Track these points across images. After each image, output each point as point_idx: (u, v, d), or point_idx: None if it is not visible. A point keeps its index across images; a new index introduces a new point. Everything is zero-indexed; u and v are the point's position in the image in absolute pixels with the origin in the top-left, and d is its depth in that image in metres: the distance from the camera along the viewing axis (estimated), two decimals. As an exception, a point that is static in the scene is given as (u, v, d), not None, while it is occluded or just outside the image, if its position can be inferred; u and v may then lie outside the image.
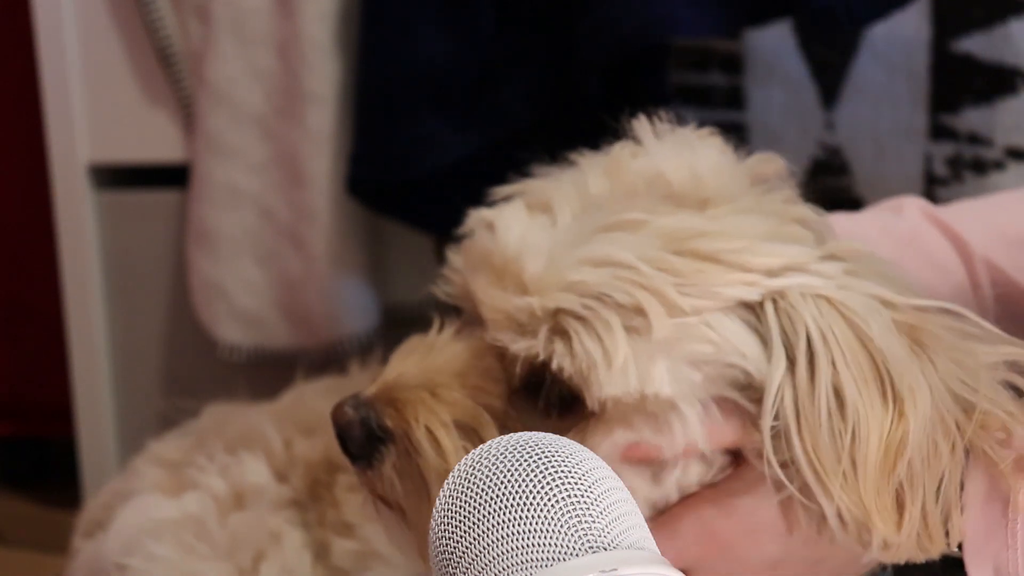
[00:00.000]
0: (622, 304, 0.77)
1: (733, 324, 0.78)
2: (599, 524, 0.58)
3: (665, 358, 0.77)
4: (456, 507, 0.59)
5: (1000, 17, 1.15)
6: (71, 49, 1.48)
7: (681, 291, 0.77)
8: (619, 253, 0.78)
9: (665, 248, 0.78)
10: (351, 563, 1.03)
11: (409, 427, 0.81)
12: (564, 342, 0.78)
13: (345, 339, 1.45)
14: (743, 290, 0.77)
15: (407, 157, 1.33)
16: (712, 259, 0.78)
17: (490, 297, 0.81)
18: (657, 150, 0.86)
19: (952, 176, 1.20)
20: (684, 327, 0.77)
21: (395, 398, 0.82)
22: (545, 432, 0.74)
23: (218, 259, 1.45)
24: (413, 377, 0.83)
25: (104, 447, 1.57)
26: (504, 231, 0.83)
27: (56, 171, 1.51)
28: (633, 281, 0.77)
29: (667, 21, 1.17)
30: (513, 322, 0.80)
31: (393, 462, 0.81)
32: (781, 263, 0.78)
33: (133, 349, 1.56)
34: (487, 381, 0.82)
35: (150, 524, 1.07)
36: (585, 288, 0.78)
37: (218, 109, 1.42)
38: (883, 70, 1.20)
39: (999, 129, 1.17)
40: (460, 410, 0.81)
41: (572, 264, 0.79)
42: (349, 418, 0.82)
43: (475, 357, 0.83)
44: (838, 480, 0.75)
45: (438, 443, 0.80)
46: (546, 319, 0.78)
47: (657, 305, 0.76)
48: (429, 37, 1.31)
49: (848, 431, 0.75)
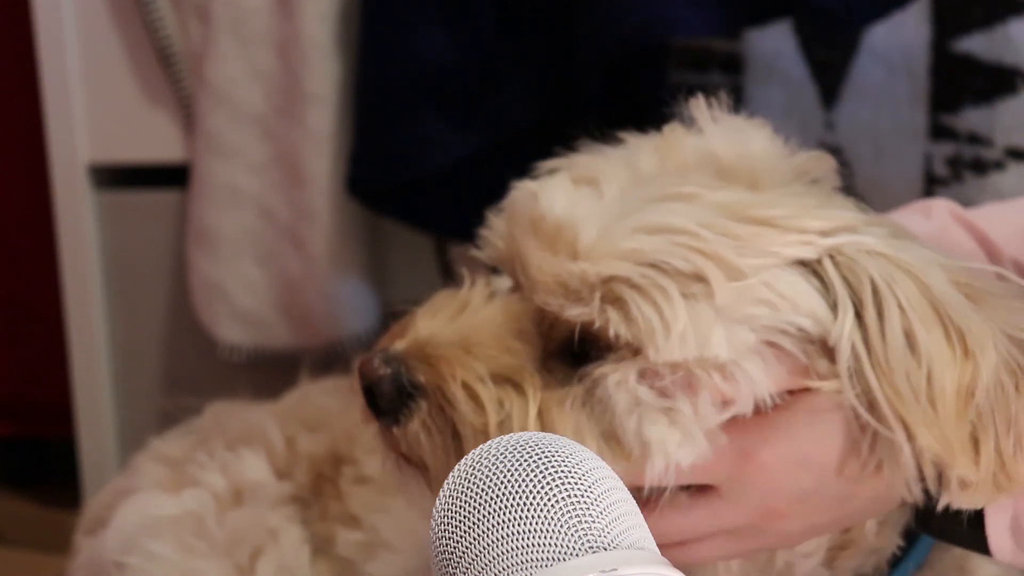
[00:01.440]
0: (680, 271, 0.78)
1: (792, 278, 0.79)
2: (599, 524, 0.58)
3: (724, 322, 0.78)
4: (456, 507, 0.59)
5: (1000, 17, 1.15)
6: (71, 49, 1.48)
7: (739, 253, 0.78)
8: (676, 220, 0.79)
9: (722, 215, 0.79)
10: (357, 553, 1.04)
11: (444, 381, 0.81)
12: (619, 309, 0.78)
13: (345, 339, 1.45)
14: (800, 249, 0.79)
15: (407, 157, 1.33)
16: (768, 223, 0.80)
17: (541, 261, 0.82)
18: (710, 130, 0.87)
19: (952, 176, 1.20)
20: (744, 289, 0.78)
21: (428, 354, 0.82)
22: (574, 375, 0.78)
23: (218, 259, 1.45)
24: (447, 336, 0.83)
25: (104, 447, 1.57)
26: (550, 200, 0.83)
27: (56, 171, 1.51)
28: (691, 247, 0.78)
29: (667, 21, 1.17)
30: (564, 288, 0.80)
31: (423, 418, 0.81)
32: (834, 224, 0.81)
33: (133, 349, 1.56)
34: (522, 343, 0.83)
35: (149, 522, 1.07)
36: (641, 256, 0.79)
37: (218, 109, 1.42)
38: (883, 70, 1.20)
39: (999, 129, 1.17)
40: (495, 363, 0.81)
41: (626, 232, 0.80)
42: (380, 373, 0.82)
43: (511, 319, 0.83)
44: (919, 418, 0.77)
45: (475, 398, 0.80)
46: (599, 286, 0.79)
47: (717, 270, 0.78)
48: (429, 37, 1.31)
49: (923, 372, 0.77)
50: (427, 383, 0.81)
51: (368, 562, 1.03)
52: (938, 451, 0.77)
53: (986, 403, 0.78)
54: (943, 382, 0.77)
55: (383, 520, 1.03)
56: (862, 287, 0.79)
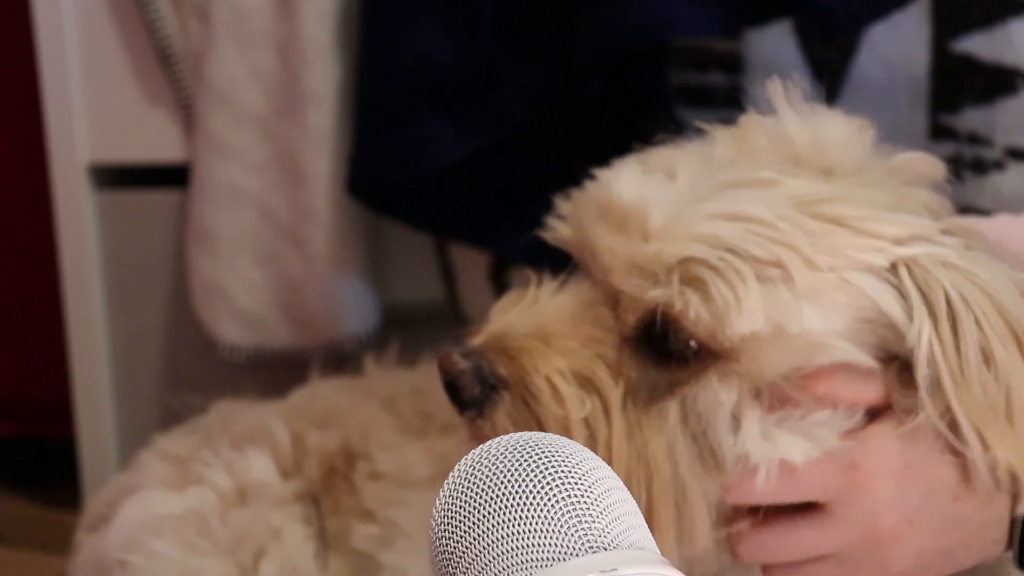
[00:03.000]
0: (757, 257, 0.78)
1: (870, 281, 0.79)
2: (599, 524, 0.58)
3: (812, 302, 0.78)
4: (456, 507, 0.59)
5: (1000, 17, 1.15)
6: (71, 49, 1.48)
7: (815, 250, 0.78)
8: (753, 209, 0.79)
9: (796, 208, 0.80)
10: (373, 546, 1.04)
11: (526, 374, 0.81)
12: (698, 290, 0.79)
13: (345, 339, 1.45)
14: (873, 255, 0.79)
15: (407, 157, 1.33)
16: (840, 223, 0.80)
17: (612, 243, 0.82)
18: (786, 115, 0.87)
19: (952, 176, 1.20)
20: (824, 279, 0.78)
21: (507, 346, 0.82)
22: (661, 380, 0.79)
23: (218, 259, 1.45)
24: (522, 326, 0.83)
25: (104, 447, 1.57)
26: (619, 185, 0.83)
27: (56, 171, 1.51)
28: (769, 237, 0.78)
29: (667, 21, 1.17)
30: (638, 270, 0.81)
31: (507, 409, 0.82)
32: (907, 232, 0.80)
33: (133, 349, 1.56)
34: (598, 330, 0.83)
35: (151, 520, 1.07)
36: (717, 240, 0.79)
37: (218, 109, 1.42)
38: (883, 70, 1.20)
39: (999, 129, 1.17)
40: (575, 359, 0.81)
41: (702, 217, 0.80)
42: (461, 367, 0.82)
43: (584, 306, 0.83)
44: (995, 431, 0.77)
45: (556, 391, 0.80)
46: (675, 268, 0.79)
47: (796, 259, 0.78)
48: (429, 37, 1.31)
49: (1001, 387, 0.77)
50: (509, 375, 0.82)
51: (385, 552, 1.02)
52: (1014, 464, 0.78)
53: None
54: (1021, 399, 0.77)
55: (400, 513, 1.03)
56: (937, 299, 0.79)
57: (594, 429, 0.81)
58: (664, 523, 0.80)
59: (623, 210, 0.82)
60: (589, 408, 0.81)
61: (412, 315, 1.52)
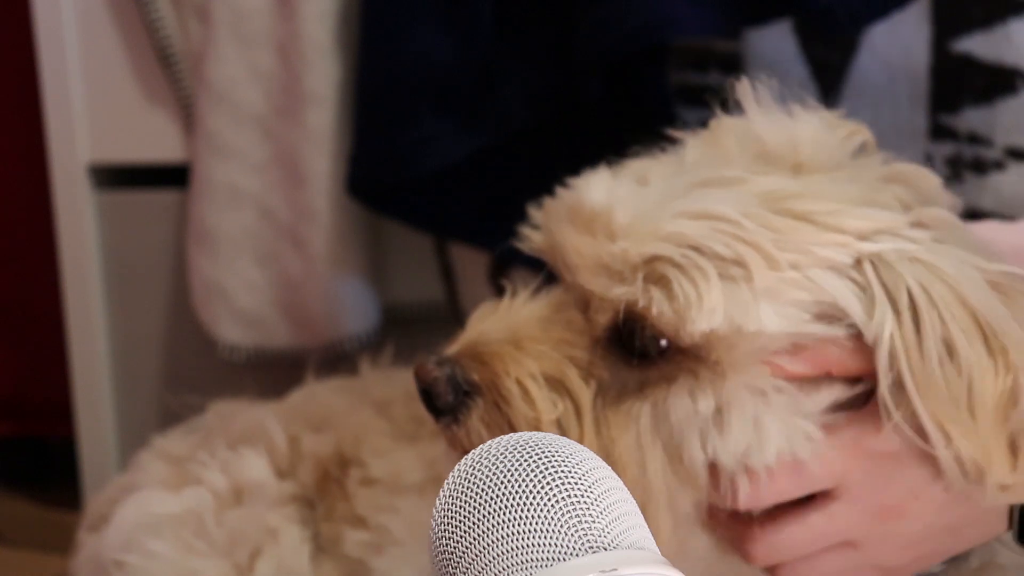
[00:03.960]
0: (721, 256, 0.79)
1: (832, 279, 0.80)
2: (599, 524, 0.58)
3: (770, 302, 0.79)
4: (456, 507, 0.59)
5: (1000, 17, 1.15)
6: (71, 49, 1.48)
7: (778, 247, 0.79)
8: (718, 207, 0.80)
9: (762, 206, 0.80)
10: (364, 552, 1.04)
11: (498, 378, 0.82)
12: (663, 288, 0.79)
13: (345, 339, 1.45)
14: (836, 251, 0.80)
15: (407, 157, 1.33)
16: (806, 219, 0.80)
17: (579, 244, 0.83)
18: (755, 115, 0.88)
19: (952, 176, 1.20)
20: (784, 278, 0.79)
21: (480, 352, 0.83)
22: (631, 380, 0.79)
23: (218, 259, 1.45)
24: (495, 332, 0.84)
25: (104, 447, 1.57)
26: (587, 189, 0.85)
27: (56, 171, 1.51)
28: (733, 235, 0.79)
29: (668, 21, 1.17)
30: (604, 269, 0.81)
31: (480, 414, 0.83)
32: (873, 227, 0.81)
33: (133, 349, 1.56)
34: (570, 332, 0.84)
35: (149, 520, 1.07)
36: (682, 239, 0.79)
37: (218, 109, 1.42)
38: (883, 70, 1.20)
39: (999, 129, 1.17)
40: (546, 362, 0.82)
41: (668, 216, 0.80)
42: (434, 375, 0.83)
43: (556, 310, 0.85)
44: (958, 426, 0.77)
45: (527, 393, 0.82)
46: (640, 267, 0.80)
47: (758, 258, 0.78)
48: (429, 37, 1.31)
49: (963, 381, 0.78)
50: (481, 380, 0.83)
51: (376, 558, 1.03)
52: (976, 457, 0.78)
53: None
54: (983, 392, 0.78)
55: (392, 519, 1.03)
56: (900, 294, 0.79)
57: (566, 430, 0.82)
58: None
59: (590, 212, 0.83)
60: (561, 409, 0.82)
61: (412, 315, 1.52)
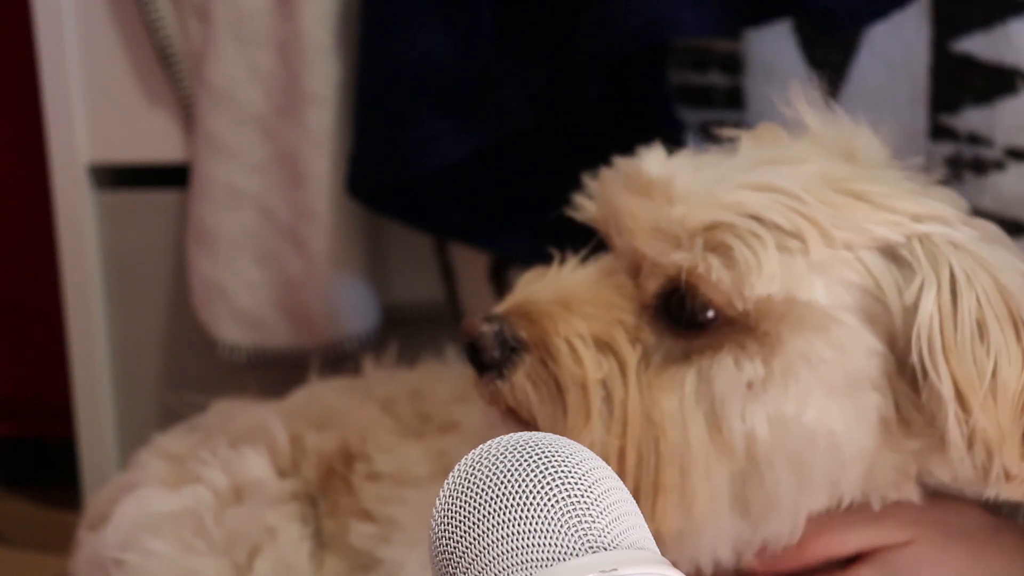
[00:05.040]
0: (779, 226, 0.81)
1: (879, 261, 0.82)
2: (599, 524, 0.58)
3: (821, 276, 0.81)
4: (456, 507, 0.59)
5: (1000, 17, 1.15)
6: (71, 49, 1.48)
7: (835, 224, 0.81)
8: (781, 180, 0.82)
9: (822, 184, 0.82)
10: (371, 544, 1.04)
11: (547, 335, 0.83)
12: (721, 255, 0.81)
13: (345, 339, 1.45)
14: (890, 230, 0.82)
15: (407, 157, 1.33)
16: (864, 199, 0.83)
17: (636, 208, 0.84)
18: (806, 112, 0.91)
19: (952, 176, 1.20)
20: (838, 256, 0.81)
21: (528, 311, 0.84)
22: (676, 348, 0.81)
23: (218, 259, 1.45)
24: (544, 294, 0.85)
25: (104, 447, 1.57)
26: (648, 160, 0.86)
27: (56, 171, 1.51)
28: (793, 208, 0.81)
29: (668, 21, 1.17)
30: (661, 233, 0.83)
31: (527, 371, 0.83)
32: (926, 212, 0.83)
33: (133, 349, 1.56)
34: (619, 297, 0.85)
35: (148, 519, 1.07)
36: (743, 207, 0.81)
37: (218, 109, 1.42)
38: (883, 70, 1.20)
39: (999, 129, 1.17)
40: (594, 323, 0.84)
41: (729, 186, 0.82)
42: (482, 329, 0.84)
43: (605, 275, 0.86)
44: (979, 400, 0.79)
45: (575, 351, 0.82)
46: (699, 232, 0.81)
47: (815, 232, 0.81)
48: (429, 37, 1.31)
49: (990, 362, 0.80)
50: (529, 337, 0.83)
51: (383, 548, 1.03)
52: (990, 435, 0.79)
53: None
54: (1008, 377, 0.80)
55: (400, 510, 1.03)
56: (942, 272, 0.81)
57: (611, 390, 0.83)
58: (669, 484, 0.82)
59: (650, 178, 0.85)
60: (606, 369, 0.83)
61: (412, 315, 1.52)
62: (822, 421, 0.82)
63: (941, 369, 0.80)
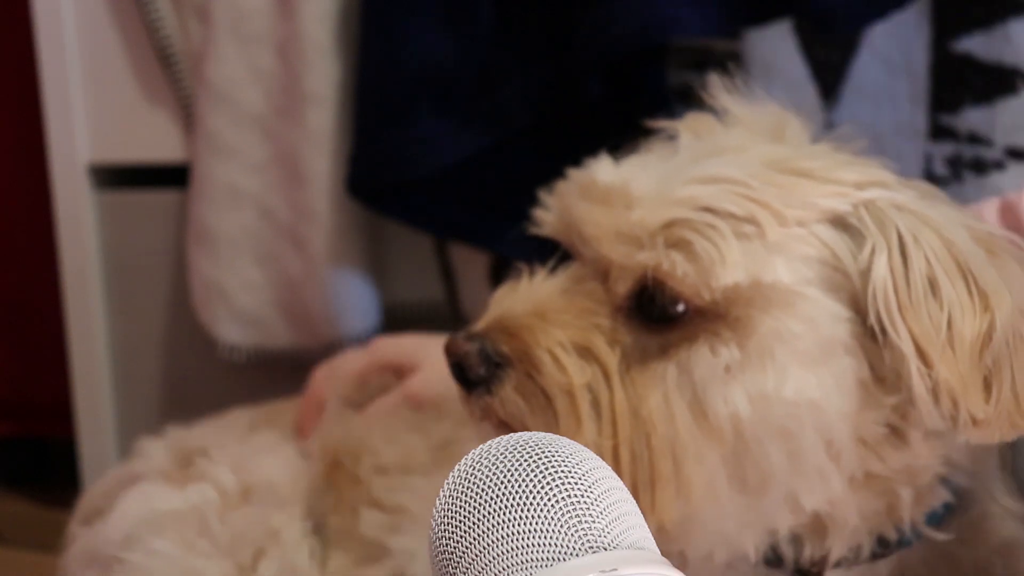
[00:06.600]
0: (734, 215, 0.83)
1: (831, 232, 0.84)
2: (599, 524, 0.58)
3: (780, 256, 0.83)
4: (456, 507, 0.59)
5: (1000, 17, 1.15)
6: (71, 49, 1.48)
7: (785, 203, 0.84)
8: (727, 170, 0.84)
9: (766, 167, 0.85)
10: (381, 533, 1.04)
11: (528, 348, 0.85)
12: (682, 250, 0.83)
13: (345, 339, 1.45)
14: (836, 200, 0.85)
15: (407, 157, 1.33)
16: (808, 175, 0.85)
17: (597, 216, 0.87)
18: (729, 103, 0.94)
19: (952, 176, 1.20)
20: (792, 234, 0.84)
21: (507, 326, 0.86)
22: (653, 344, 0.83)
23: (218, 259, 1.45)
24: (520, 307, 0.87)
25: (104, 447, 1.57)
26: (599, 168, 0.89)
27: (56, 171, 1.51)
28: (743, 195, 0.83)
29: (667, 21, 1.17)
30: (623, 237, 0.85)
31: (513, 384, 0.85)
32: (867, 179, 0.86)
33: (133, 349, 1.56)
34: (591, 303, 0.87)
35: (151, 516, 1.06)
36: (696, 201, 0.84)
37: (218, 109, 1.42)
38: (883, 70, 1.20)
39: (999, 129, 1.17)
40: (572, 331, 0.86)
41: (680, 182, 0.85)
42: (465, 348, 0.86)
43: (575, 283, 0.88)
44: (938, 353, 0.81)
45: (558, 360, 0.85)
46: (659, 232, 0.84)
47: (767, 215, 0.83)
48: (428, 37, 1.31)
49: (944, 316, 0.82)
50: (512, 351, 0.85)
51: (394, 537, 1.03)
52: (953, 384, 0.81)
53: (1003, 350, 0.82)
54: (962, 328, 0.82)
55: (408, 497, 1.04)
56: (890, 235, 0.83)
57: (597, 393, 0.85)
58: (664, 476, 0.83)
59: (605, 186, 0.87)
60: (590, 374, 0.85)
61: (412, 315, 1.52)
62: (802, 392, 0.83)
63: (899, 327, 0.82)
